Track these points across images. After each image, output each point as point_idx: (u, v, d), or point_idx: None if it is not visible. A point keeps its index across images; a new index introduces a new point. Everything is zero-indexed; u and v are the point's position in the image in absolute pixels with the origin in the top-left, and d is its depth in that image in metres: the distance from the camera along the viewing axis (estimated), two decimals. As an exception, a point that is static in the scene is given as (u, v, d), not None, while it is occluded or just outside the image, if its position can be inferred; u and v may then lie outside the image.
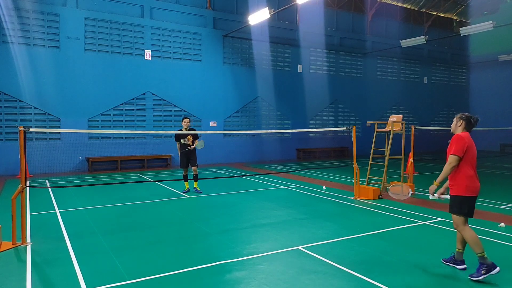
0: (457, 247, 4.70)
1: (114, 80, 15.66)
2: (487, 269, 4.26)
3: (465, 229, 4.45)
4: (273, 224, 6.86)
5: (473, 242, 4.34)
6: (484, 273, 4.25)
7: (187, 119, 9.61)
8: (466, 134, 4.57)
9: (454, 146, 4.47)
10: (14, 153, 12.76)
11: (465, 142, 4.45)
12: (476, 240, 4.34)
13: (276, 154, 19.61)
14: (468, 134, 4.60)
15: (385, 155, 9.64)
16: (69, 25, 14.79)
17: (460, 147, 4.43)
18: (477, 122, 4.66)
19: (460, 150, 4.42)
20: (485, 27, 16.72)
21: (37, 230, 6.50)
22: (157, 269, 4.66)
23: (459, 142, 4.46)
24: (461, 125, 4.65)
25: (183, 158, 9.69)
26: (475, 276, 4.30)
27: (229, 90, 18.33)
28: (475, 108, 27.81)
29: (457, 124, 4.69)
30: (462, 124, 4.64)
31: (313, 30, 20.80)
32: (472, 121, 4.63)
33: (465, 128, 4.64)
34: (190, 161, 9.71)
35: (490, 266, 4.26)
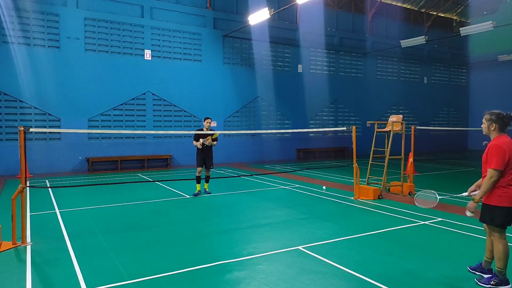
0: (485, 256, 4.40)
1: (114, 80, 15.66)
2: (498, 283, 4.11)
3: (500, 241, 4.09)
4: (273, 224, 6.86)
5: (499, 255, 4.08)
6: (493, 285, 4.12)
7: (209, 119, 9.45)
8: (506, 140, 4.04)
9: (495, 159, 3.97)
10: (14, 153, 12.77)
11: (505, 152, 3.95)
12: (502, 255, 4.05)
13: (276, 154, 19.61)
14: (507, 138, 4.07)
15: (385, 155, 9.64)
16: (69, 25, 14.79)
17: (501, 160, 3.94)
18: (511, 119, 4.14)
19: (500, 163, 3.95)
20: (485, 27, 16.71)
21: (37, 230, 6.50)
22: (157, 269, 4.67)
23: (499, 153, 3.95)
24: (494, 128, 4.13)
25: (200, 157, 9.51)
26: (483, 283, 4.19)
27: (229, 90, 18.33)
28: (475, 108, 27.83)
29: (489, 128, 4.16)
30: (496, 127, 4.12)
31: (313, 30, 20.80)
32: (505, 120, 4.11)
33: (500, 130, 4.12)
34: (206, 162, 9.51)
35: (503, 282, 4.11)
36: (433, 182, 11.99)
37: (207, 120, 9.42)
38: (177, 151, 16.83)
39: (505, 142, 4.01)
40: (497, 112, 4.14)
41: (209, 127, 9.49)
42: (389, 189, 9.90)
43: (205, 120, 9.41)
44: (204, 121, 9.46)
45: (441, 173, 14.26)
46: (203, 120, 9.51)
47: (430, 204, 4.90)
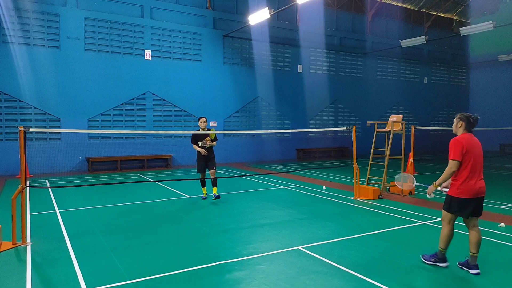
0: (470, 251, 4.58)
1: (114, 80, 15.66)
2: (437, 260, 4.74)
3: (445, 225, 4.68)
4: (273, 224, 6.86)
5: (442, 237, 4.68)
6: (433, 261, 4.76)
7: (203, 118, 8.83)
8: (465, 136, 4.53)
9: (453, 151, 4.48)
10: (14, 153, 12.77)
11: (463, 145, 4.43)
12: (445, 237, 4.65)
13: (276, 154, 19.61)
14: (468, 136, 4.55)
15: (385, 155, 9.64)
16: (69, 25, 14.79)
17: (458, 152, 4.44)
18: (477, 121, 4.62)
19: (457, 154, 4.43)
20: (485, 27, 16.72)
21: (37, 230, 6.50)
22: (157, 269, 4.66)
23: (457, 146, 4.46)
24: (461, 126, 4.62)
25: (201, 161, 8.88)
26: (425, 259, 4.87)
27: (229, 90, 18.33)
28: (475, 108, 27.82)
29: (457, 126, 4.66)
30: (462, 125, 4.60)
31: (313, 30, 20.80)
32: (472, 121, 4.58)
33: (465, 129, 4.60)
34: (208, 164, 8.90)
35: (441, 260, 4.73)
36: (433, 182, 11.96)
37: (202, 119, 8.81)
38: (177, 151, 16.83)
39: (465, 137, 4.51)
40: (467, 114, 4.66)
41: (205, 126, 8.85)
42: (389, 189, 9.90)
43: (200, 120, 8.82)
44: (198, 121, 8.92)
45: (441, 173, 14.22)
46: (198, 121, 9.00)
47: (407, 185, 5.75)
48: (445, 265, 4.71)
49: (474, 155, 4.45)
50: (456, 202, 4.49)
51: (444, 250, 4.71)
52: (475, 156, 4.46)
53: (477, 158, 4.48)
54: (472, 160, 4.44)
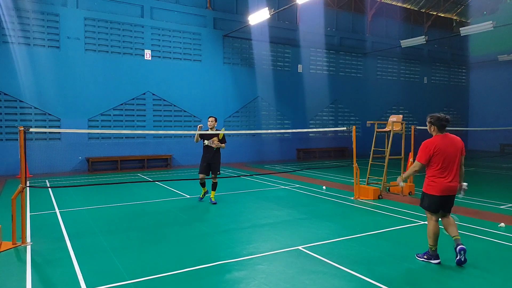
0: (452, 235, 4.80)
1: (114, 80, 15.66)
2: (429, 257, 4.89)
3: (429, 221, 4.90)
4: (273, 224, 6.86)
5: (428, 233, 4.89)
6: (425, 259, 4.91)
7: (212, 118, 8.45)
8: (437, 138, 4.72)
9: (418, 153, 4.82)
10: (14, 153, 12.76)
11: (429, 150, 4.69)
12: (430, 233, 4.85)
13: (276, 154, 19.60)
14: (441, 137, 4.73)
15: (385, 155, 9.64)
16: (69, 25, 14.79)
17: (423, 155, 4.76)
18: (448, 121, 4.75)
19: (422, 158, 4.76)
20: (485, 27, 16.72)
21: (37, 230, 6.50)
22: (157, 269, 4.66)
23: (423, 150, 4.75)
24: (434, 130, 4.82)
25: (203, 163, 8.44)
26: (419, 257, 5.00)
27: (229, 90, 18.33)
28: (475, 108, 27.83)
29: (430, 129, 4.87)
30: (435, 129, 4.80)
31: (313, 30, 20.80)
32: (443, 123, 4.73)
33: (438, 131, 4.77)
34: (211, 168, 8.42)
35: (433, 257, 4.87)
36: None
37: (211, 118, 8.44)
38: (177, 151, 16.82)
39: (432, 141, 4.74)
40: (436, 116, 4.79)
41: (214, 126, 8.42)
42: (389, 189, 9.90)
43: (209, 119, 8.46)
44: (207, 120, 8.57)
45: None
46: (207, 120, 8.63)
47: None
48: (437, 262, 4.82)
49: (444, 156, 4.66)
50: (426, 197, 4.82)
51: (433, 247, 4.84)
52: (446, 156, 4.66)
53: (449, 158, 4.67)
54: (442, 160, 4.66)
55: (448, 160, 4.66)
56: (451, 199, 4.79)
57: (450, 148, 4.68)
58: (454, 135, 4.85)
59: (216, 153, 8.48)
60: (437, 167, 4.68)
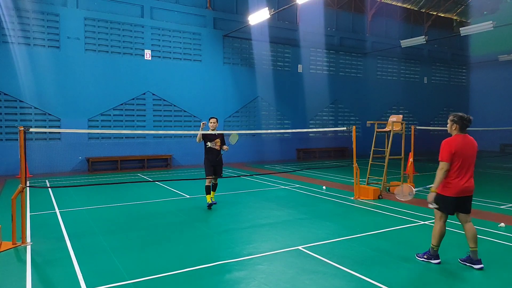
0: (470, 246, 4.69)
1: (114, 80, 15.65)
2: (429, 257, 4.87)
3: (437, 222, 4.82)
4: (273, 224, 6.86)
5: (434, 234, 4.83)
6: (426, 258, 4.89)
7: (214, 119, 8.16)
8: (457, 138, 4.63)
9: (440, 153, 4.66)
10: (14, 153, 12.76)
11: (451, 148, 4.56)
12: (436, 234, 4.80)
13: (276, 154, 19.60)
14: (461, 137, 4.64)
15: (385, 155, 9.64)
16: (69, 25, 14.78)
17: (445, 154, 4.60)
18: (470, 121, 4.70)
19: (445, 156, 4.59)
20: (485, 27, 16.72)
21: (37, 230, 6.50)
22: (157, 269, 4.66)
23: (445, 148, 4.61)
24: (455, 128, 4.70)
25: (209, 165, 8.10)
26: (419, 256, 4.98)
27: (229, 90, 18.32)
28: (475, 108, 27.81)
29: (451, 128, 4.75)
30: (457, 128, 4.69)
31: (313, 30, 20.80)
32: (465, 122, 4.65)
33: (459, 130, 4.68)
34: (216, 170, 8.17)
35: (433, 257, 4.85)
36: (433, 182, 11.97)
37: (212, 119, 8.14)
38: (177, 151, 16.82)
39: (455, 139, 4.62)
40: (459, 115, 4.71)
41: (215, 127, 8.15)
42: (389, 189, 9.90)
43: (210, 120, 8.15)
44: (208, 121, 8.20)
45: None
46: (208, 121, 8.24)
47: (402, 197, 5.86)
48: (437, 262, 4.82)
49: (463, 156, 4.57)
50: (440, 198, 4.70)
51: (436, 247, 4.84)
52: (465, 157, 4.57)
53: (467, 159, 4.59)
54: (461, 160, 4.57)
55: (466, 161, 4.59)
56: (468, 200, 4.69)
57: (469, 149, 4.62)
58: (471, 137, 4.75)
59: (220, 155, 8.21)
60: (455, 167, 4.59)
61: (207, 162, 8.08)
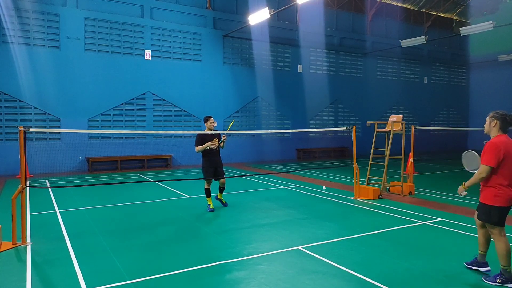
0: (479, 250, 4.49)
1: (114, 80, 15.66)
2: (504, 281, 4.10)
3: (499, 238, 4.12)
4: (273, 224, 6.86)
5: (503, 253, 4.08)
6: (499, 283, 4.11)
7: (212, 118, 7.94)
8: (502, 138, 4.04)
9: (486, 155, 4.00)
10: (14, 153, 12.76)
11: (500, 150, 3.95)
12: (506, 252, 4.06)
13: (276, 154, 19.60)
14: (505, 138, 4.06)
15: (385, 155, 9.64)
16: (69, 25, 14.79)
17: (493, 157, 3.95)
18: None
19: (493, 160, 3.95)
20: (485, 27, 16.72)
21: (37, 230, 6.50)
22: (157, 269, 4.66)
23: (493, 150, 3.96)
24: (495, 125, 4.12)
25: (209, 167, 7.86)
26: (489, 281, 4.20)
27: (229, 90, 18.33)
28: (475, 108, 27.82)
29: (490, 125, 4.17)
30: (497, 124, 4.11)
31: (313, 30, 20.80)
32: (508, 120, 4.09)
33: (500, 129, 4.11)
34: (217, 172, 7.92)
35: (509, 280, 4.09)
36: (433, 182, 11.99)
37: (210, 118, 7.91)
38: (177, 151, 16.82)
39: (502, 141, 4.00)
40: (502, 112, 4.15)
41: (213, 127, 7.94)
42: (389, 189, 9.90)
43: (209, 120, 7.89)
44: (207, 121, 7.90)
45: (441, 173, 14.26)
46: (204, 121, 7.97)
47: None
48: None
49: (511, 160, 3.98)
50: (495, 210, 4.04)
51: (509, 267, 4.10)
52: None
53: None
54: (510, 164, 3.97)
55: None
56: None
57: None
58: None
59: (219, 154, 8.02)
60: (506, 173, 3.97)
61: (206, 163, 7.85)
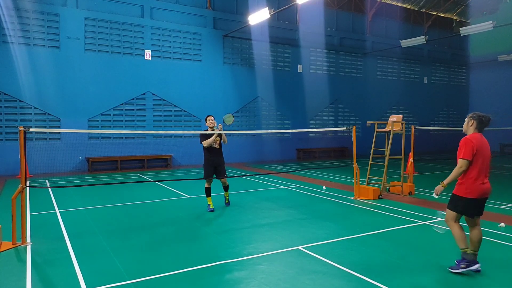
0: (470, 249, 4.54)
1: (114, 80, 15.66)
2: (467, 264, 4.45)
3: (453, 225, 4.57)
4: (273, 224, 6.86)
5: (458, 238, 4.52)
6: (464, 267, 4.45)
7: (211, 117, 7.94)
8: (476, 136, 4.48)
9: (463, 150, 4.43)
10: (14, 153, 12.76)
11: (474, 145, 4.38)
12: (460, 237, 4.50)
13: (276, 154, 19.60)
14: (479, 135, 4.50)
15: (385, 155, 9.64)
16: (69, 25, 14.79)
17: (468, 150, 4.39)
18: (489, 121, 4.55)
19: (468, 153, 4.38)
20: (485, 27, 16.71)
21: (37, 230, 6.50)
22: (157, 269, 4.66)
23: (468, 145, 4.41)
24: (472, 124, 4.55)
25: (209, 166, 7.84)
26: (454, 269, 4.52)
27: (229, 90, 18.33)
28: (475, 108, 27.81)
29: (468, 124, 4.59)
30: (474, 124, 4.53)
31: (313, 30, 20.80)
32: (483, 120, 4.50)
33: (476, 128, 4.53)
34: (217, 171, 7.88)
35: (471, 262, 4.46)
36: (433, 182, 11.97)
37: (210, 117, 7.93)
38: (177, 151, 16.83)
39: (475, 138, 4.45)
40: (479, 113, 4.58)
41: (214, 126, 7.95)
42: (389, 189, 9.90)
43: (208, 118, 7.93)
44: (206, 120, 7.96)
45: (441, 173, 14.26)
46: (204, 120, 8.07)
47: None
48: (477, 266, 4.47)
49: (483, 156, 4.42)
50: (463, 202, 4.46)
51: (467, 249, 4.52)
52: (484, 157, 4.44)
53: (486, 159, 4.46)
54: (481, 160, 4.41)
55: (484, 161, 4.45)
56: (484, 202, 4.54)
57: (486, 149, 4.49)
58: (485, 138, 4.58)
59: (221, 154, 8.00)
60: (477, 167, 4.40)
61: (206, 162, 7.86)
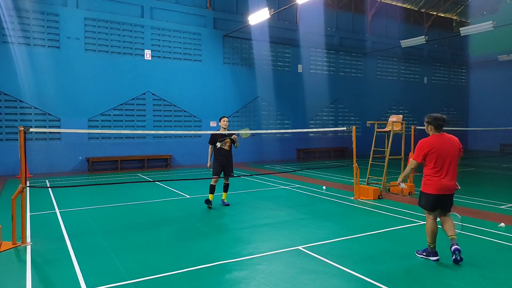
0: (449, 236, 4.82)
1: (114, 80, 15.66)
2: (428, 254, 4.98)
3: (427, 218, 4.99)
4: (273, 224, 6.86)
5: (427, 232, 4.95)
6: (425, 255, 5.00)
7: (225, 118, 8.16)
8: (433, 138, 4.80)
9: (415, 152, 4.92)
10: (14, 153, 12.76)
11: (424, 149, 4.78)
12: (428, 231, 4.92)
13: (276, 154, 19.60)
14: (437, 137, 4.80)
15: (385, 155, 9.64)
16: (69, 25, 14.79)
17: (418, 153, 4.85)
18: (444, 120, 4.83)
19: (418, 156, 4.86)
20: (485, 27, 16.71)
21: (37, 230, 6.50)
22: (157, 269, 4.67)
23: (418, 148, 4.87)
24: (431, 129, 4.88)
25: (217, 165, 8.08)
26: (418, 253, 5.10)
27: (229, 90, 18.33)
28: (475, 108, 27.83)
29: (428, 129, 4.92)
30: (432, 129, 4.87)
31: (313, 30, 20.80)
32: (439, 122, 4.80)
33: (435, 130, 4.84)
34: (225, 170, 8.17)
35: (431, 254, 4.95)
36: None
37: (224, 118, 8.14)
38: (177, 151, 16.83)
39: (428, 140, 4.82)
40: (433, 115, 4.87)
41: (227, 127, 8.17)
42: (389, 189, 9.90)
43: (222, 119, 8.15)
44: (221, 121, 8.18)
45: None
46: (219, 120, 8.34)
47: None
48: (435, 259, 4.90)
49: (440, 155, 4.72)
50: (423, 196, 4.93)
51: (432, 245, 4.94)
52: (442, 156, 4.72)
53: (445, 157, 4.73)
54: (435, 159, 4.73)
55: (443, 159, 4.73)
56: (448, 198, 4.85)
57: (446, 147, 4.74)
58: (451, 135, 4.91)
59: (230, 155, 8.22)
60: (432, 166, 4.76)
61: (215, 162, 8.16)
